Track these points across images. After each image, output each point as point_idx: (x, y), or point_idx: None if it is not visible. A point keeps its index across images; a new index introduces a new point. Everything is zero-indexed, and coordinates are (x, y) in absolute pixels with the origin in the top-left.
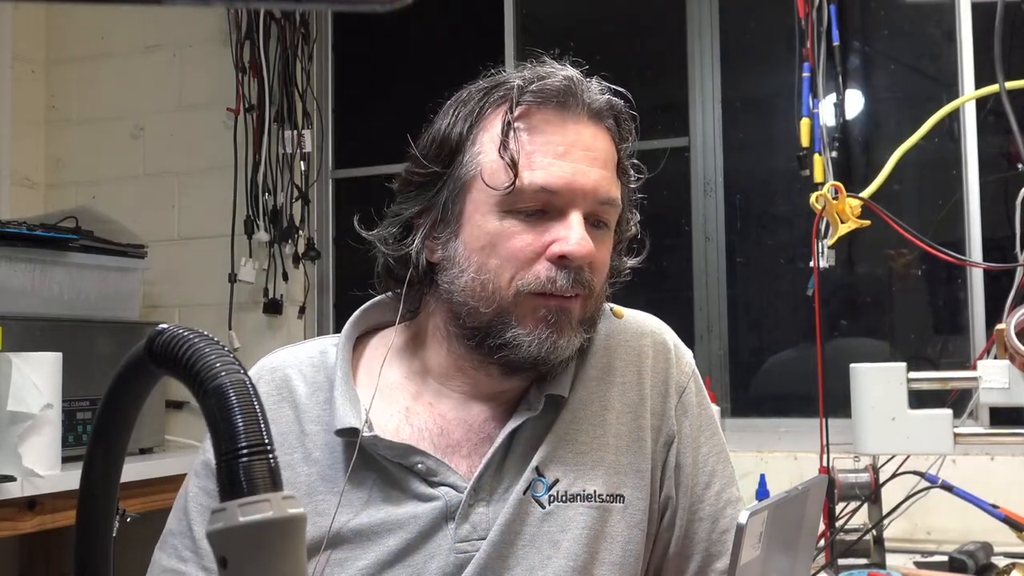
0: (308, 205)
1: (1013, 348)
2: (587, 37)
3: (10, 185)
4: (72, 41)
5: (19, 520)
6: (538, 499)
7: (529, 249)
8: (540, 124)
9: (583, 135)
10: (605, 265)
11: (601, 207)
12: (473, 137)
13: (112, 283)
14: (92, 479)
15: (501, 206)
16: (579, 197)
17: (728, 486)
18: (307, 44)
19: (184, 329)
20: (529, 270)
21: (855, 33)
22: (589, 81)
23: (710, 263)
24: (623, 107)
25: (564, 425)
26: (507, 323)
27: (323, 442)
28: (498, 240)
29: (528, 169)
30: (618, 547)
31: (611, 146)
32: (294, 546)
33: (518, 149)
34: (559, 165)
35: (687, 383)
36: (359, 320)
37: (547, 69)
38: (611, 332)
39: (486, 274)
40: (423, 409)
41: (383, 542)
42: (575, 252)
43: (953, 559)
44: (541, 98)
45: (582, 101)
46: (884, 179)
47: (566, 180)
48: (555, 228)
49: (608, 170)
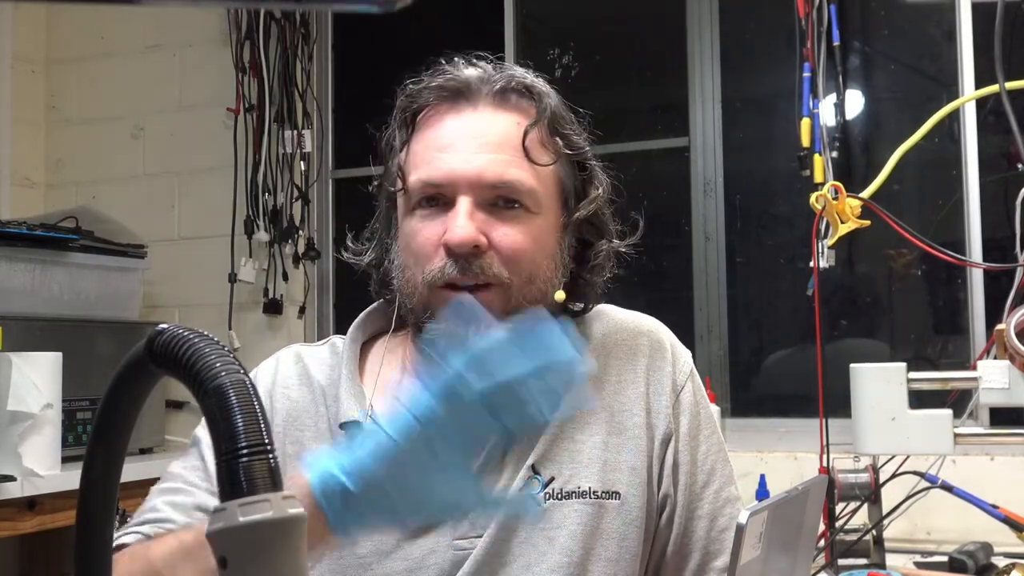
0: (308, 205)
1: (1013, 348)
2: (587, 37)
3: (10, 185)
4: (72, 41)
5: (19, 520)
6: (533, 497)
7: (428, 243)
8: (430, 122)
9: (472, 123)
10: (524, 251)
11: (499, 191)
12: (394, 146)
13: (112, 283)
14: (92, 479)
15: (406, 206)
16: (463, 185)
17: (727, 485)
18: (307, 44)
19: (184, 329)
20: (430, 263)
21: (855, 33)
22: (505, 67)
23: (710, 263)
24: (534, 83)
25: (560, 424)
26: (428, 317)
27: (333, 425)
28: (409, 238)
29: (415, 167)
30: (613, 543)
31: (515, 129)
32: (294, 546)
33: (412, 150)
34: (440, 158)
35: (685, 382)
36: (362, 324)
37: (446, 68)
38: (607, 331)
39: (408, 271)
40: None
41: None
42: (451, 239)
43: (953, 559)
44: (432, 96)
45: (478, 91)
46: (884, 179)
47: (445, 171)
48: (447, 219)
49: (504, 153)
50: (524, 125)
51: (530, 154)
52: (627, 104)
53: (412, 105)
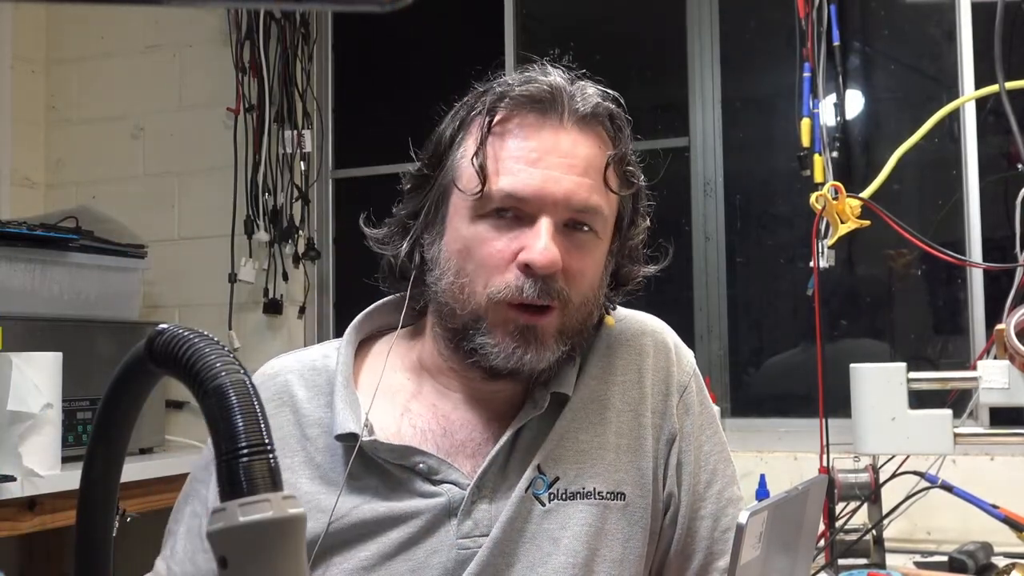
0: (308, 205)
1: (1013, 348)
2: (587, 37)
3: (10, 185)
4: (72, 41)
5: (19, 520)
6: (538, 497)
7: (499, 256)
8: (516, 130)
9: (561, 141)
10: (585, 273)
11: (578, 214)
12: (458, 141)
13: (112, 283)
14: (92, 479)
15: (474, 211)
16: (549, 204)
17: (729, 485)
18: (307, 44)
19: (184, 329)
20: (500, 277)
21: (855, 33)
22: (584, 85)
23: (710, 263)
24: (617, 112)
25: (565, 424)
26: (478, 329)
27: (324, 445)
28: (472, 245)
29: (498, 175)
30: (618, 544)
31: (597, 152)
32: (294, 546)
33: (490, 155)
34: (529, 172)
35: (688, 382)
36: (362, 324)
37: (534, 75)
38: (611, 332)
39: (464, 278)
40: (425, 410)
41: (385, 535)
42: (537, 261)
43: (953, 559)
44: (520, 103)
45: (565, 107)
46: (884, 179)
47: (535, 187)
48: (525, 236)
49: (589, 177)
50: (605, 151)
51: (608, 182)
52: (627, 104)
53: (497, 106)
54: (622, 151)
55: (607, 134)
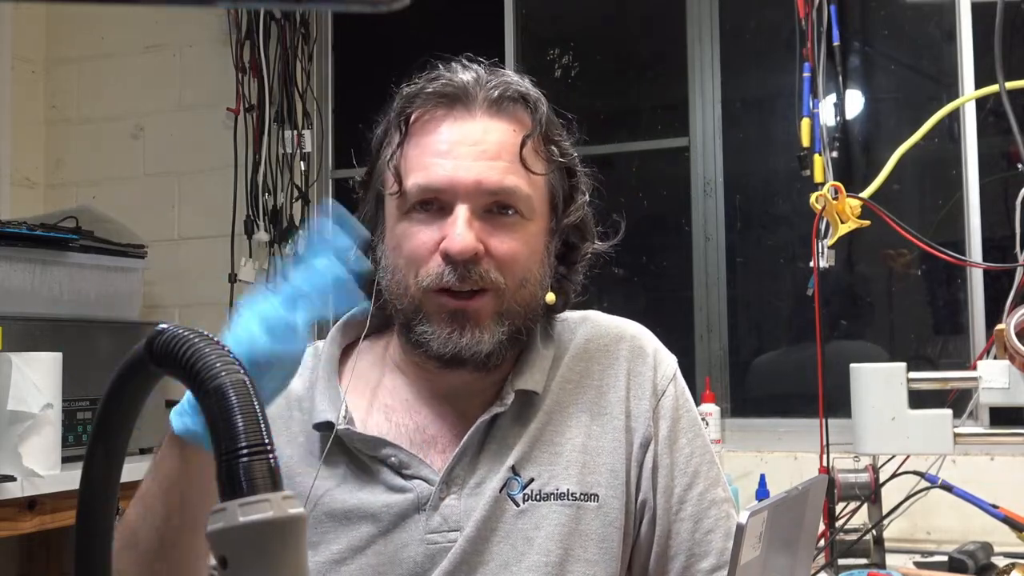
0: (308, 205)
1: (1013, 348)
2: (587, 37)
3: (10, 185)
4: (72, 41)
5: (19, 520)
6: (513, 497)
7: (424, 248)
8: (426, 126)
9: (470, 130)
10: (517, 257)
11: (496, 197)
12: (384, 145)
13: (112, 283)
14: (92, 479)
15: (400, 209)
16: (462, 193)
17: (712, 487)
18: (307, 44)
19: (184, 329)
20: (425, 267)
21: (855, 33)
22: (499, 73)
23: (710, 263)
24: (529, 92)
25: (540, 426)
26: (419, 320)
27: (307, 430)
28: (401, 241)
29: (412, 172)
30: (592, 545)
31: (510, 135)
32: (294, 546)
33: (407, 154)
34: (440, 164)
35: (666, 386)
36: (344, 328)
37: (441, 72)
38: (590, 337)
39: (399, 273)
40: (400, 405)
41: (356, 528)
42: (451, 247)
43: (953, 559)
44: (428, 100)
45: (474, 96)
46: (884, 179)
47: (445, 177)
48: (444, 226)
49: (503, 160)
50: (520, 133)
51: (526, 162)
52: (627, 104)
53: (408, 108)
54: (538, 131)
55: (521, 116)
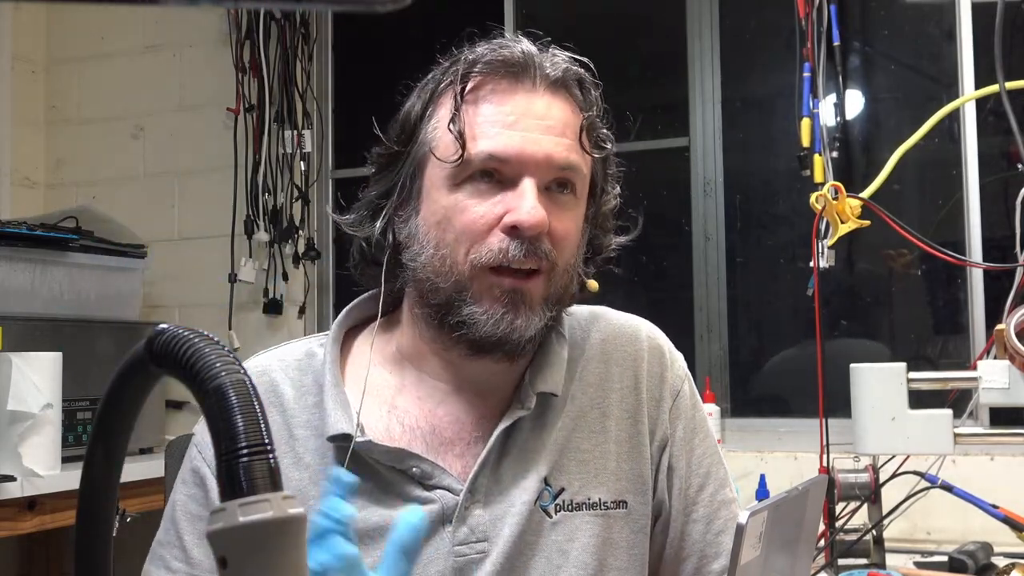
0: (308, 205)
1: (1013, 348)
2: (587, 37)
3: (10, 185)
4: (72, 41)
5: (19, 520)
6: (546, 509)
7: (482, 221)
8: (490, 95)
9: (535, 104)
10: (569, 236)
11: (561, 173)
12: (429, 114)
13: (112, 283)
14: (92, 479)
15: (453, 179)
16: (530, 165)
17: (722, 487)
18: (307, 44)
19: (184, 329)
20: (483, 243)
21: (855, 33)
22: (552, 53)
23: (710, 263)
24: (586, 77)
25: (566, 433)
26: (464, 300)
27: (314, 447)
28: (452, 214)
29: (476, 139)
30: (624, 553)
31: (571, 116)
32: (294, 546)
33: (466, 121)
34: (507, 134)
35: (681, 386)
36: (345, 319)
37: (502, 41)
38: (606, 337)
39: (444, 249)
40: (411, 405)
41: (379, 545)
42: (525, 221)
43: (953, 559)
44: (491, 69)
45: (536, 71)
46: (884, 179)
47: (515, 148)
48: (508, 198)
49: (567, 137)
50: (578, 114)
51: (583, 144)
52: (627, 104)
53: (469, 73)
54: (595, 114)
55: (578, 98)
